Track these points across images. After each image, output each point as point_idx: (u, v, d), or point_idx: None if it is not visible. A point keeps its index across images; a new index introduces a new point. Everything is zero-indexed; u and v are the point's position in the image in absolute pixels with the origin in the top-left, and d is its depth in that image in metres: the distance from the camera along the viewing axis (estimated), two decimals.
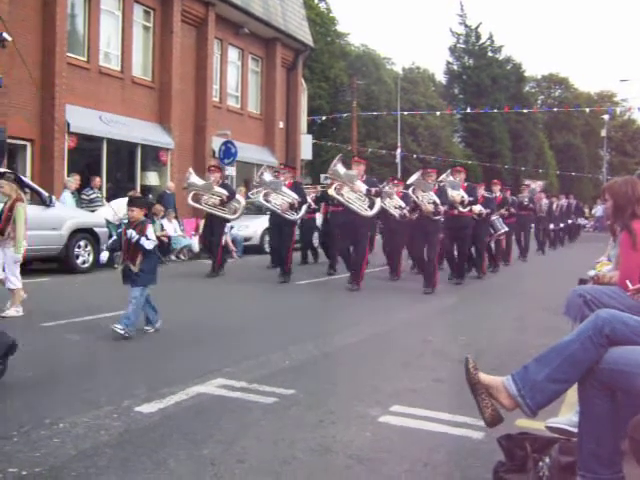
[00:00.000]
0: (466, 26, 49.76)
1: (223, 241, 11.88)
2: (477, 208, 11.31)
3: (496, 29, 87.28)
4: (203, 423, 3.56)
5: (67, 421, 3.52)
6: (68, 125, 15.23)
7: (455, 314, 8.07)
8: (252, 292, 9.55)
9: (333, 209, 11.16)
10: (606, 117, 49.25)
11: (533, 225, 18.27)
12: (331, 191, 9.61)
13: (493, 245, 13.32)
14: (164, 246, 13.85)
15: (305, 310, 7.92)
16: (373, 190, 9.53)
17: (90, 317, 6.83)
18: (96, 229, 11.49)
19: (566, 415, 3.14)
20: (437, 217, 9.50)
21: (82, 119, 15.64)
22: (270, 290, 9.67)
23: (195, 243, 14.65)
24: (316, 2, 37.81)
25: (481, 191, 11.95)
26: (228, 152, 17.97)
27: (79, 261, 11.16)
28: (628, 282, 3.03)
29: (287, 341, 5.81)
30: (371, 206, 9.59)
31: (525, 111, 42.07)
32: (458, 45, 50.06)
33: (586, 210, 33.88)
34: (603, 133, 49.34)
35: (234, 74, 22.13)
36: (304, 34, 24.62)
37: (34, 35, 14.73)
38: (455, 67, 50.69)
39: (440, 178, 10.53)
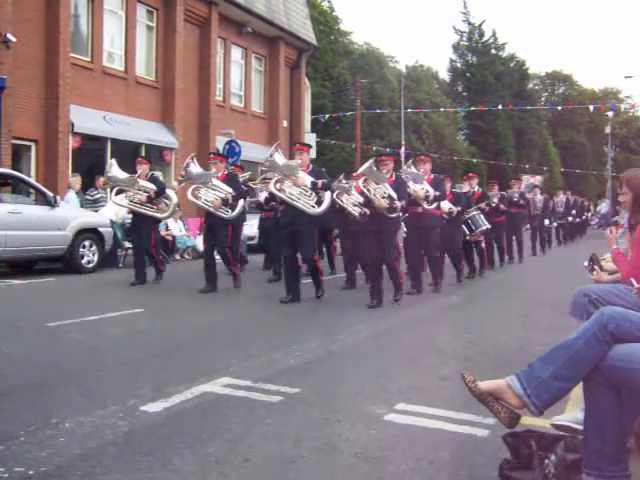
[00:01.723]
0: (469, 23, 49.75)
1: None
2: (446, 205, 9.96)
3: (499, 26, 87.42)
4: (208, 422, 3.57)
5: (73, 421, 3.53)
6: (72, 125, 15.27)
7: (459, 312, 8.06)
8: (252, 292, 9.54)
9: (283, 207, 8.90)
10: (610, 114, 49.11)
11: (529, 224, 17.32)
12: (271, 187, 8.16)
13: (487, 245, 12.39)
14: (169, 245, 13.89)
15: (306, 310, 7.92)
16: (320, 183, 7.99)
17: (95, 317, 6.84)
18: (100, 229, 11.52)
19: (571, 412, 3.13)
20: (394, 214, 7.99)
21: (86, 119, 15.68)
22: (272, 289, 9.66)
23: (200, 243, 14.67)
24: (319, 1, 37.80)
25: (448, 186, 10.49)
26: (232, 151, 17.98)
27: (84, 261, 11.18)
28: (633, 280, 3.02)
29: (291, 340, 5.81)
30: (319, 202, 8.09)
31: (529, 108, 42.01)
32: (461, 42, 50.06)
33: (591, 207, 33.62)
34: (607, 130, 49.19)
35: (237, 73, 22.16)
36: (307, 33, 24.61)
37: (38, 36, 14.78)
38: (459, 65, 50.65)
39: (403, 169, 9.31)
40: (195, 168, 8.98)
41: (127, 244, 12.73)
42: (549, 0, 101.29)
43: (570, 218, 21.20)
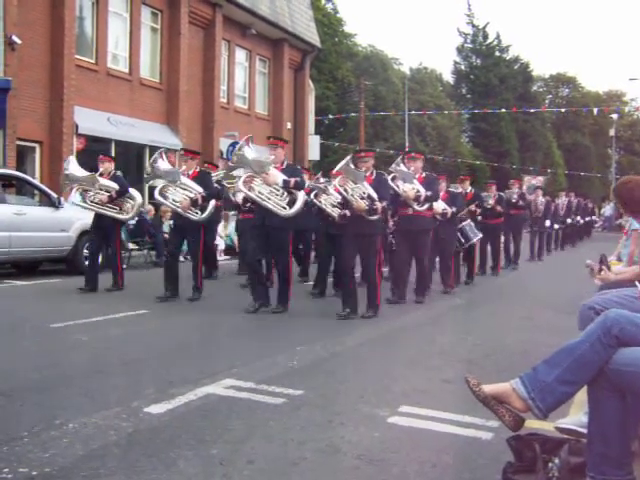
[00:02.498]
0: (473, 26, 49.69)
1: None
2: (440, 206, 9.23)
3: (503, 28, 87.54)
4: (212, 424, 3.57)
5: (76, 422, 3.54)
6: (76, 127, 15.31)
7: (463, 314, 8.05)
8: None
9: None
10: (615, 116, 49.00)
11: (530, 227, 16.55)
12: (240, 185, 7.37)
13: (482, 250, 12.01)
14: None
15: (309, 313, 7.92)
16: (292, 181, 7.24)
17: (99, 318, 6.85)
18: None
19: (575, 415, 3.12)
20: (374, 217, 7.19)
21: (90, 121, 15.72)
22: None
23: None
24: (323, 3, 37.83)
25: (443, 185, 9.76)
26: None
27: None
28: (637, 283, 3.01)
29: (295, 341, 5.82)
30: (291, 203, 7.35)
31: (533, 111, 41.94)
32: (465, 45, 49.99)
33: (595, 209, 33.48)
34: (612, 132, 49.08)
35: (241, 75, 22.19)
36: (311, 35, 24.64)
37: (43, 38, 14.83)
38: (463, 67, 50.60)
39: (392, 167, 8.42)
40: (163, 164, 8.30)
41: (131, 245, 12.75)
42: (553, 2, 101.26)
43: (569, 220, 20.50)
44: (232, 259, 14.03)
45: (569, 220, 20.37)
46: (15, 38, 13.61)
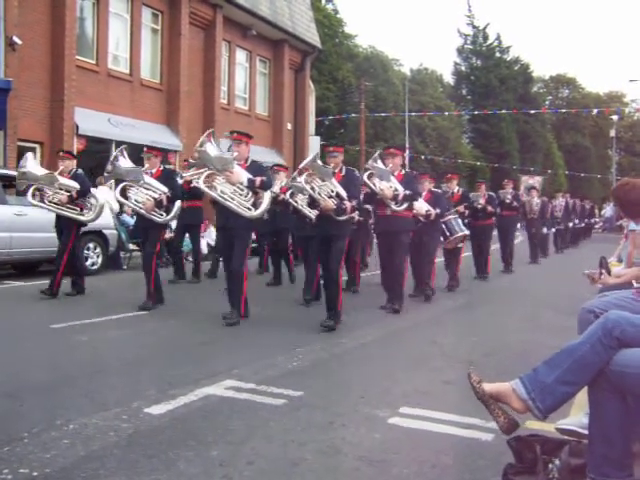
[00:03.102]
0: (474, 27, 49.73)
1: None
2: (422, 206, 8.69)
3: (504, 30, 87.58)
4: (212, 424, 3.57)
5: (77, 422, 3.54)
6: (77, 127, 15.32)
7: (464, 315, 8.05)
8: (255, 295, 9.54)
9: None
10: (615, 117, 49.02)
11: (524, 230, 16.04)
12: (200, 183, 6.80)
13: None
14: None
15: (309, 313, 7.91)
16: (257, 181, 6.73)
17: (99, 319, 6.85)
18: (105, 231, 11.52)
19: (576, 416, 3.12)
20: (342, 217, 6.72)
21: (91, 121, 15.72)
22: (270, 290, 9.67)
23: (204, 244, 14.68)
24: (323, 4, 37.86)
25: (426, 184, 9.14)
26: None
27: (88, 263, 11.19)
28: (634, 282, 3.01)
29: (295, 343, 5.82)
30: (256, 204, 6.86)
31: (533, 112, 41.94)
32: (466, 46, 50.03)
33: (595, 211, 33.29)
34: (612, 133, 49.09)
35: (242, 76, 22.19)
36: (312, 36, 24.64)
37: (44, 39, 14.83)
38: (463, 68, 50.63)
39: (368, 164, 7.86)
40: (125, 163, 7.75)
41: (131, 246, 12.75)
42: (553, 3, 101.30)
43: (570, 224, 20.06)
44: None
45: (570, 224, 19.91)
46: (16, 39, 13.62)
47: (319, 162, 6.78)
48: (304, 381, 4.52)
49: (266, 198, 6.94)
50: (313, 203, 6.93)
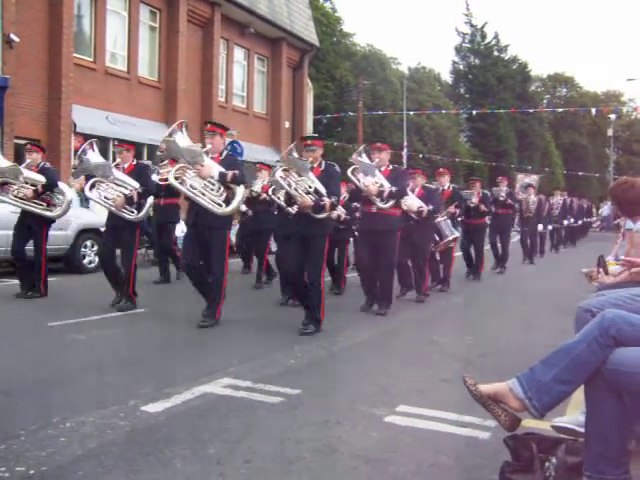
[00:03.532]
0: (472, 25, 49.73)
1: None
2: (414, 203, 8.32)
3: (502, 28, 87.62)
4: (209, 423, 3.57)
5: (74, 420, 3.53)
6: (74, 125, 15.29)
7: (461, 314, 8.06)
8: (252, 293, 9.54)
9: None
10: (613, 116, 49.06)
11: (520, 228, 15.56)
12: (170, 177, 6.40)
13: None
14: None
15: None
16: (229, 174, 6.29)
17: (96, 317, 6.84)
18: (102, 229, 11.50)
19: (572, 415, 3.13)
20: (321, 215, 6.27)
21: (88, 119, 15.70)
22: (267, 289, 9.66)
23: None
24: (321, 2, 37.83)
25: (419, 180, 8.75)
26: (234, 152, 18.00)
27: (85, 261, 11.19)
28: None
29: (292, 341, 5.82)
30: (229, 200, 6.41)
31: (531, 111, 41.96)
32: (464, 44, 50.03)
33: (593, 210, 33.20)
34: (610, 132, 49.13)
35: (240, 74, 22.18)
36: (310, 34, 24.64)
37: (41, 36, 14.82)
38: (461, 67, 50.64)
39: (352, 157, 7.47)
40: (94, 157, 7.32)
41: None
42: (551, 2, 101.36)
43: (566, 222, 19.72)
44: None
45: (565, 222, 19.63)
46: (13, 36, 13.60)
47: (295, 155, 6.40)
48: (301, 379, 4.52)
49: (239, 194, 6.47)
50: (290, 200, 6.48)
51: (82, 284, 9.93)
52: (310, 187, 6.26)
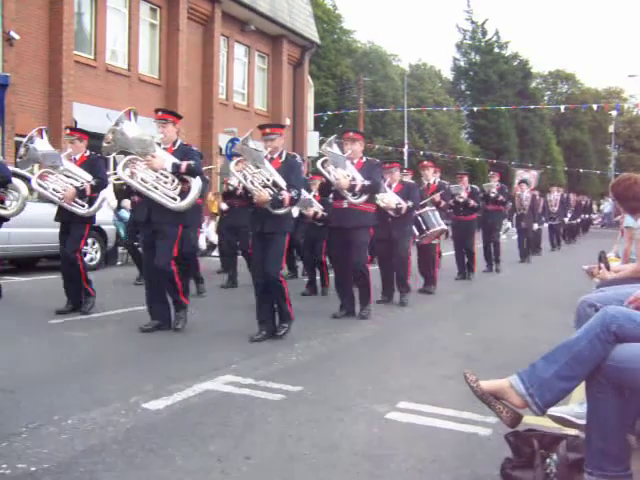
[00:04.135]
0: (472, 22, 49.61)
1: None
2: (392, 199, 7.81)
3: (503, 25, 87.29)
4: (210, 420, 3.57)
5: (75, 417, 3.54)
6: (75, 123, 15.28)
7: (462, 311, 8.05)
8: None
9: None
10: (614, 113, 48.97)
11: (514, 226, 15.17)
12: (119, 170, 5.96)
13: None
14: None
15: (308, 309, 7.92)
16: (183, 165, 5.83)
17: (97, 314, 6.85)
18: (104, 227, 11.52)
19: (569, 405, 3.13)
20: (280, 211, 5.75)
21: (89, 117, 15.67)
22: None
23: (202, 240, 14.68)
24: None
25: (397, 174, 8.21)
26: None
27: (86, 259, 11.19)
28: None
29: (293, 338, 5.82)
30: (183, 194, 5.96)
31: (532, 107, 41.90)
32: (465, 41, 49.91)
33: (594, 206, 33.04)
34: (611, 129, 49.03)
35: (240, 71, 22.15)
36: (310, 31, 24.61)
37: (41, 34, 14.80)
38: (462, 63, 50.54)
39: (322, 148, 6.98)
40: (42, 146, 6.84)
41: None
42: None
43: (565, 219, 19.15)
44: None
45: (565, 219, 19.16)
46: (13, 34, 13.59)
47: (250, 145, 5.75)
48: (302, 376, 4.52)
49: (195, 187, 6.02)
50: (246, 194, 5.93)
51: None
52: (268, 180, 5.71)
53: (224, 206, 9.89)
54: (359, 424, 3.55)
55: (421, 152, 37.65)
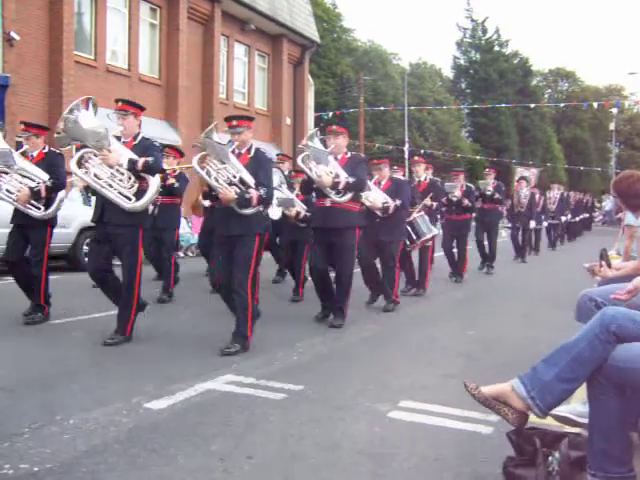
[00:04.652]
0: (473, 20, 49.63)
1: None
2: (378, 198, 7.32)
3: (503, 23, 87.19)
4: (212, 419, 3.58)
5: (77, 417, 3.54)
6: None
7: (461, 310, 8.05)
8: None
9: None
10: (614, 110, 48.91)
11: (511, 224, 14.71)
12: (72, 165, 5.39)
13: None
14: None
15: (309, 308, 7.92)
16: (140, 162, 5.29)
17: (98, 314, 6.85)
18: None
19: (571, 404, 3.13)
20: (247, 211, 5.27)
21: None
22: (267, 287, 9.67)
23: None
24: None
25: (386, 171, 7.68)
26: None
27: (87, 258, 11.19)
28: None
29: (295, 337, 5.82)
30: (140, 193, 5.42)
31: (532, 105, 41.89)
32: (465, 39, 49.94)
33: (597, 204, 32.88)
34: (612, 127, 48.99)
35: (241, 71, 22.15)
36: (310, 30, 24.59)
37: (42, 34, 14.80)
38: (462, 62, 50.55)
39: (302, 143, 6.62)
40: None
41: None
42: None
43: (564, 218, 18.70)
44: None
45: (563, 218, 18.70)
46: (13, 34, 13.59)
47: (215, 138, 5.36)
48: (304, 376, 4.52)
49: (153, 185, 5.49)
50: (211, 192, 5.51)
51: (84, 282, 9.91)
52: (234, 177, 5.26)
53: (206, 203, 8.69)
54: (360, 423, 3.56)
55: (422, 151, 37.66)
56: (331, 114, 33.30)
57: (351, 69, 37.67)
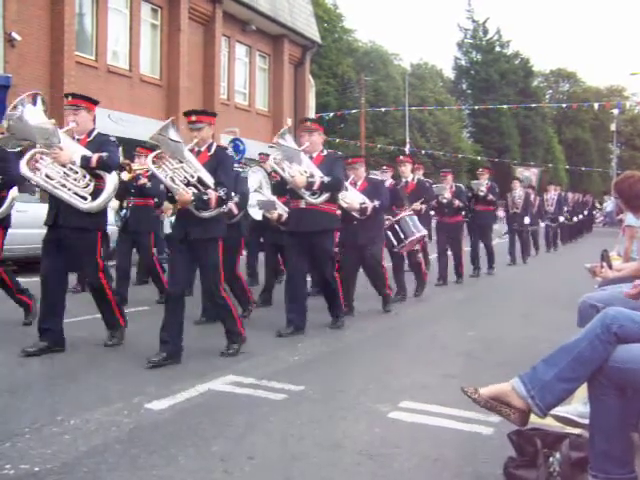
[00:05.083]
0: (474, 21, 49.66)
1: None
2: (355, 198, 6.89)
3: (504, 24, 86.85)
4: (213, 419, 3.58)
5: (78, 418, 3.54)
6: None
7: (462, 310, 8.05)
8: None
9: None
10: (615, 111, 48.89)
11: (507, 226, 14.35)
12: (22, 166, 4.96)
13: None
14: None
15: (310, 309, 7.91)
16: (94, 159, 4.91)
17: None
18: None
19: (572, 405, 3.13)
20: (206, 213, 4.93)
21: None
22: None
23: None
24: None
25: (361, 171, 7.26)
26: (236, 149, 17.97)
27: None
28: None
29: (295, 338, 5.82)
30: (97, 192, 5.03)
31: (534, 106, 41.89)
32: (466, 40, 49.97)
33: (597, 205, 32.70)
34: (613, 127, 48.96)
35: (242, 71, 22.17)
36: (311, 31, 24.61)
37: (43, 34, 14.83)
38: (463, 62, 50.58)
39: (274, 141, 6.16)
40: None
41: None
42: None
43: (561, 219, 18.22)
44: None
45: (561, 218, 18.26)
46: (15, 35, 13.61)
47: (170, 135, 4.91)
48: (304, 376, 4.52)
49: (109, 183, 5.10)
50: (167, 194, 5.17)
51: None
52: (192, 177, 4.90)
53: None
54: (361, 423, 3.55)
55: (423, 151, 37.65)
56: (332, 115, 33.33)
57: (352, 70, 37.66)
